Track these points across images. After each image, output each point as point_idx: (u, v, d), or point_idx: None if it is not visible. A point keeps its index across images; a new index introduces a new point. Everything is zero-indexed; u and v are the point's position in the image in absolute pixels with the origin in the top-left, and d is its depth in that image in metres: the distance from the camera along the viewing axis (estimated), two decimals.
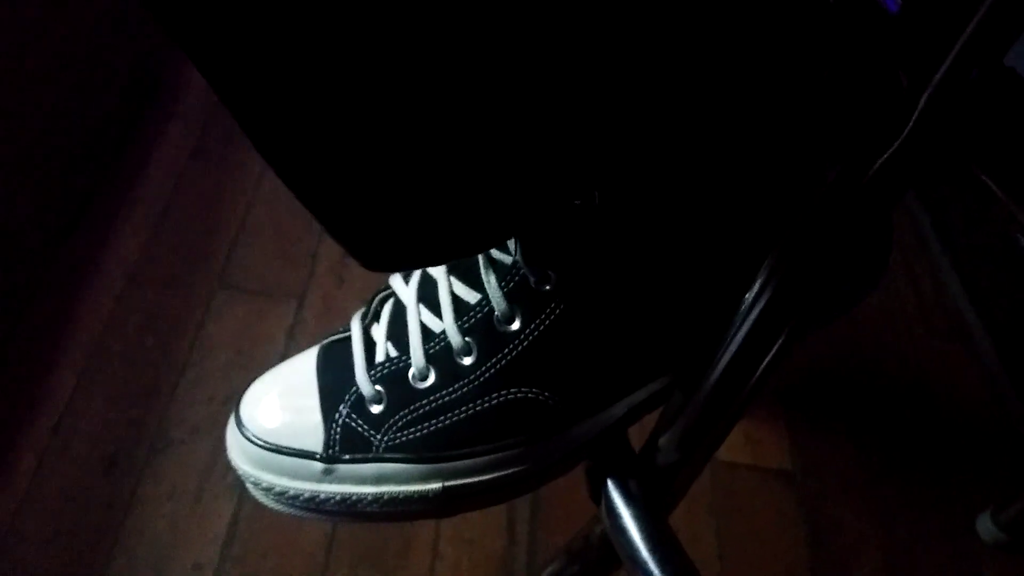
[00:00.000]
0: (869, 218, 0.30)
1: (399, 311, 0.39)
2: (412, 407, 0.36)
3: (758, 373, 0.35)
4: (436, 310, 0.37)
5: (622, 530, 0.37)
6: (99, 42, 0.94)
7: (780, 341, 0.34)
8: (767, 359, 0.35)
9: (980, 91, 0.24)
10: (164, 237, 0.89)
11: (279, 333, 0.83)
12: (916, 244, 0.99)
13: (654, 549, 0.36)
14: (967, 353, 0.90)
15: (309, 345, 0.40)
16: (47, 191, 0.87)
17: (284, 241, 0.90)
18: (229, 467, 0.40)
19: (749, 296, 0.34)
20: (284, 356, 0.40)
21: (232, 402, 0.38)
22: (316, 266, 0.88)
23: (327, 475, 0.37)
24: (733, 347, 0.35)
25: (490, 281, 0.36)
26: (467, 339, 0.36)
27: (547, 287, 0.35)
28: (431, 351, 0.37)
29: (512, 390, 0.36)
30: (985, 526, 0.74)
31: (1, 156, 0.79)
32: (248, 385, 0.41)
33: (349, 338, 0.39)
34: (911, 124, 0.24)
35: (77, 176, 0.91)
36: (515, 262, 0.35)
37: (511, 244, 0.35)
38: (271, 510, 0.39)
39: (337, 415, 0.37)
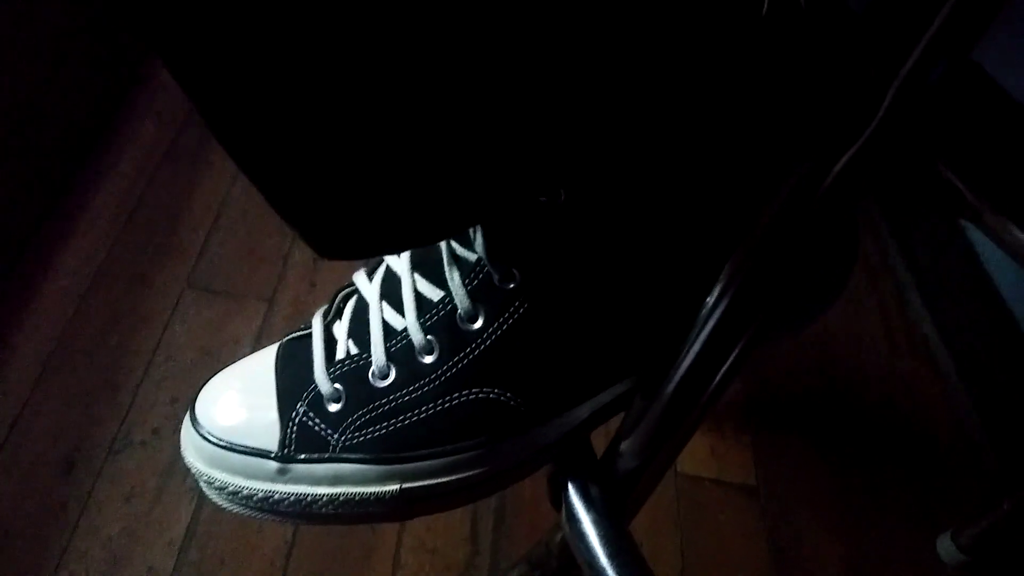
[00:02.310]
0: (834, 217, 0.30)
1: (361, 308, 0.38)
2: (371, 406, 0.36)
3: (716, 380, 0.35)
4: (399, 307, 0.37)
5: (581, 535, 0.37)
6: (74, 38, 0.92)
7: (738, 349, 0.34)
8: (725, 366, 0.35)
9: (947, 87, 0.24)
10: (133, 235, 0.88)
11: (246, 335, 0.82)
12: (881, 264, 1.00)
13: (613, 555, 0.36)
14: (931, 372, 0.91)
15: None
16: (16, 186, 0.85)
17: (255, 243, 0.89)
18: (189, 470, 0.39)
19: (709, 300, 0.34)
20: None
21: None
22: (287, 269, 0.87)
23: (281, 475, 0.36)
24: (692, 353, 0.34)
25: (454, 278, 0.35)
26: (429, 337, 0.35)
27: (511, 285, 0.35)
28: (392, 349, 0.36)
29: (474, 390, 0.35)
30: (945, 547, 0.74)
31: None
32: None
33: (309, 335, 0.39)
34: (878, 119, 0.24)
35: (48, 171, 0.89)
36: (479, 259, 0.35)
37: (476, 241, 0.35)
38: (225, 510, 0.38)
39: (294, 413, 0.37)
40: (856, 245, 0.41)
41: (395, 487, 0.36)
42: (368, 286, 0.38)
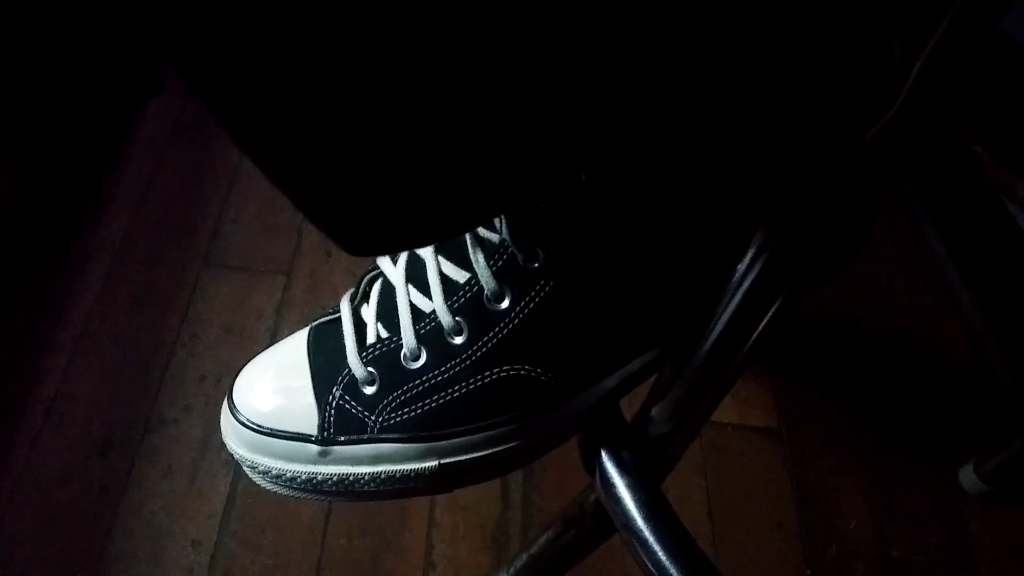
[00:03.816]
0: (863, 188, 0.30)
1: (388, 292, 0.39)
2: (405, 388, 0.37)
3: (751, 340, 0.35)
4: (425, 290, 0.37)
5: (617, 499, 0.38)
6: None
7: (774, 308, 0.34)
8: (761, 326, 0.35)
9: (974, 60, 0.24)
10: (148, 215, 0.89)
11: (267, 309, 0.82)
12: (896, 200, 0.99)
13: (648, 517, 0.37)
14: (948, 306, 0.91)
15: (298, 319, 0.40)
16: (27, 175, 0.86)
17: (269, 216, 0.89)
18: (223, 444, 0.40)
19: (741, 266, 0.34)
20: (273, 332, 0.40)
21: (223, 379, 0.38)
22: (302, 240, 0.88)
23: (323, 457, 0.37)
24: (726, 316, 0.35)
25: (478, 260, 0.35)
26: (457, 319, 0.36)
27: (535, 264, 0.35)
28: (422, 331, 0.37)
29: (504, 367, 0.36)
30: (968, 477, 0.75)
31: None
32: (239, 364, 0.41)
33: (339, 319, 0.39)
34: (904, 94, 0.24)
35: (57, 157, 0.90)
36: (503, 240, 0.35)
37: (498, 222, 0.35)
38: (269, 491, 0.40)
39: (331, 397, 0.37)
40: (877, 198, 0.41)
41: (434, 463, 0.37)
42: (393, 269, 0.39)
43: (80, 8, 0.90)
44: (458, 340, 0.36)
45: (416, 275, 0.38)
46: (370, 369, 0.37)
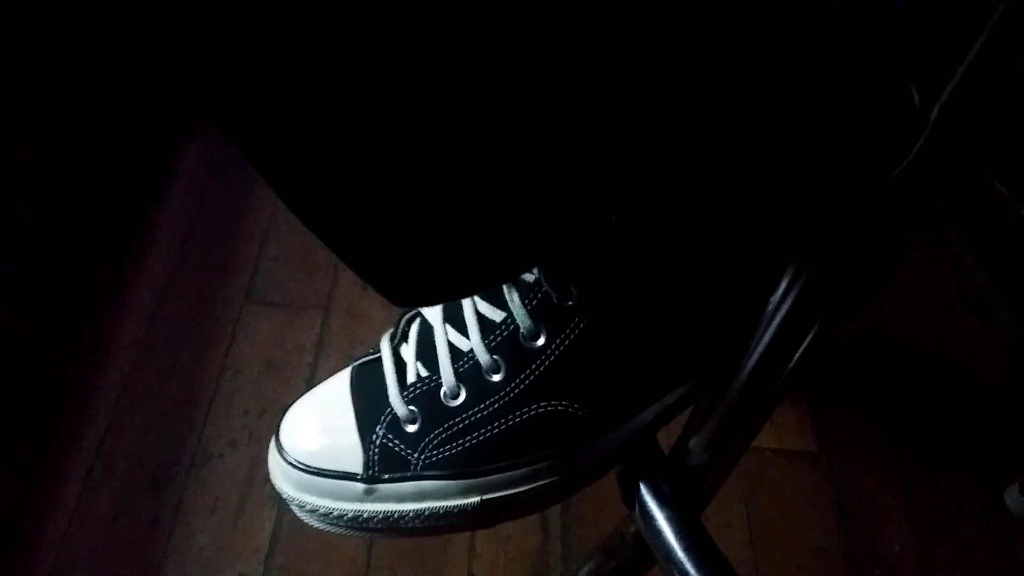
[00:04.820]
0: (892, 219, 0.31)
1: (426, 331, 0.40)
2: (446, 425, 0.38)
3: (787, 370, 0.36)
4: (462, 329, 0.38)
5: (657, 532, 0.39)
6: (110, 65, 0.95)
7: (809, 338, 0.35)
8: (796, 356, 0.36)
9: (993, 100, 0.24)
10: (191, 256, 0.91)
11: (307, 343, 0.84)
12: (928, 217, 0.99)
13: (689, 548, 0.38)
14: (984, 323, 0.90)
15: (337, 354, 0.41)
16: (71, 219, 0.89)
17: (306, 252, 0.92)
18: (268, 479, 0.41)
19: (775, 298, 0.35)
20: (314, 366, 0.41)
21: (266, 413, 0.40)
22: (339, 276, 0.90)
23: (369, 495, 0.38)
24: (761, 347, 0.36)
25: (513, 300, 0.37)
26: (495, 357, 0.37)
27: (569, 303, 0.36)
28: (460, 370, 0.38)
29: (542, 404, 0.37)
30: (1013, 498, 0.74)
31: (24, 186, 0.81)
32: (281, 398, 0.42)
33: (379, 359, 0.41)
34: (924, 136, 0.25)
35: (100, 200, 0.93)
36: (537, 280, 0.36)
37: None
38: (316, 529, 0.41)
39: (374, 436, 0.39)
40: (907, 225, 0.41)
41: (476, 499, 0.38)
42: (430, 310, 0.40)
43: (117, 51, 0.94)
44: (496, 378, 0.37)
45: (453, 315, 0.39)
46: (411, 408, 0.38)
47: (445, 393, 0.38)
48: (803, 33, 0.28)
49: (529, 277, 0.37)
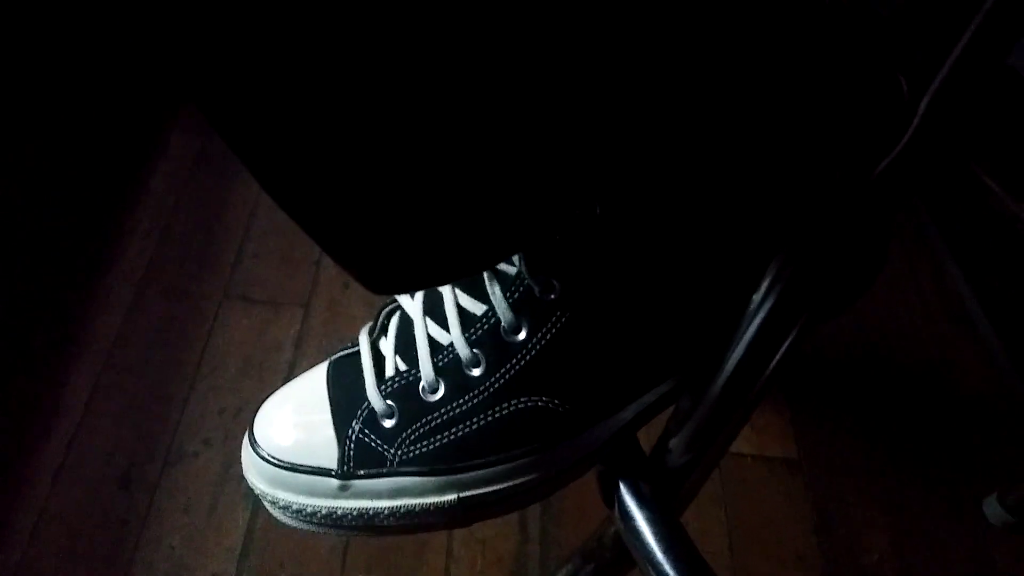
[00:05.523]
0: (876, 219, 0.30)
1: (406, 324, 0.39)
2: (424, 420, 0.37)
3: (768, 370, 0.36)
4: (443, 323, 0.37)
5: (636, 532, 0.38)
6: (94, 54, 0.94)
7: (790, 339, 0.35)
8: (777, 357, 0.35)
9: (981, 93, 0.24)
10: (169, 248, 0.90)
11: (286, 341, 0.83)
12: (911, 226, 0.99)
13: (668, 550, 0.37)
14: (967, 333, 0.90)
15: (317, 352, 0.40)
16: (46, 209, 0.87)
17: (288, 248, 0.90)
18: (242, 478, 0.40)
19: (757, 296, 0.34)
20: (292, 364, 0.40)
21: (243, 412, 0.39)
22: (320, 273, 0.89)
23: (343, 491, 0.38)
24: (743, 346, 0.35)
25: (495, 292, 0.36)
26: (475, 351, 0.36)
27: (552, 296, 0.35)
28: (440, 364, 0.37)
29: (522, 399, 0.36)
30: (992, 509, 0.74)
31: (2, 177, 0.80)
32: (258, 397, 0.41)
33: (358, 353, 0.40)
34: (912, 130, 0.25)
35: (77, 190, 0.91)
36: (519, 273, 0.36)
37: (515, 255, 0.36)
38: (288, 527, 0.40)
39: (350, 431, 0.38)
40: (890, 228, 0.41)
41: (453, 496, 0.37)
42: (410, 302, 0.39)
43: (101, 38, 0.93)
44: (476, 372, 0.36)
45: (434, 308, 0.38)
46: (389, 402, 0.37)
47: (424, 388, 0.37)
48: (791, 24, 0.27)
49: (511, 270, 0.36)
